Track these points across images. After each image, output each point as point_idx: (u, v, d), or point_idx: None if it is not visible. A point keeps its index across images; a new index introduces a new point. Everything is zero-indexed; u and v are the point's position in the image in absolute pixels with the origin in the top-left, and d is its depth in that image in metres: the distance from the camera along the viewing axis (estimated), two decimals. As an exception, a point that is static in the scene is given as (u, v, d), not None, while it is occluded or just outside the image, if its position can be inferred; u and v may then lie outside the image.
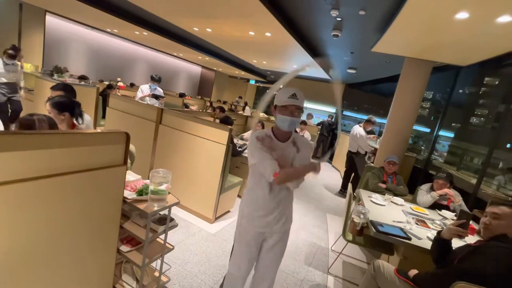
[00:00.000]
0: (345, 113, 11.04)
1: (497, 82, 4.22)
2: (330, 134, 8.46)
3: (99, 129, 1.40)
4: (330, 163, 8.02)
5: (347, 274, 2.52)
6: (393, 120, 4.07)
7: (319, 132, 7.86)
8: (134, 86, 8.29)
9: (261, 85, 16.06)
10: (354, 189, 3.61)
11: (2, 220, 0.92)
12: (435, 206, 2.75)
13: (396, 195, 2.97)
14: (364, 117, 10.28)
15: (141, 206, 1.45)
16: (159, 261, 1.67)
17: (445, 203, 2.75)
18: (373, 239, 2.20)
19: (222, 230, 2.84)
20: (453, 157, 4.80)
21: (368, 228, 2.06)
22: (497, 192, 3.16)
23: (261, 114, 7.33)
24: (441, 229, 1.61)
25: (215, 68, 14.03)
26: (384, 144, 4.17)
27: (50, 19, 7.62)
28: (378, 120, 9.65)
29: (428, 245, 1.77)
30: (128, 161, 1.40)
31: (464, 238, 1.52)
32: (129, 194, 1.48)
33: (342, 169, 5.89)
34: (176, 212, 2.94)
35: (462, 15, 2.32)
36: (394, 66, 5.50)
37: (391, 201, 2.76)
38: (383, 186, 3.14)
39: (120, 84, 7.40)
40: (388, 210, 2.50)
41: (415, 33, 3.04)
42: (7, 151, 0.89)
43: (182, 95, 7.84)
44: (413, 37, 3.19)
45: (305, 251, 2.79)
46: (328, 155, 1.37)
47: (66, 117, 1.80)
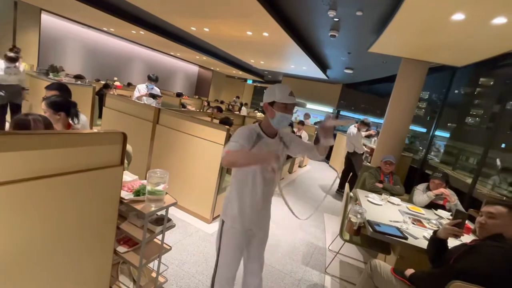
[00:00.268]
0: (342, 113, 11.11)
1: (492, 83, 4.27)
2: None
3: (96, 129, 1.39)
4: (327, 163, 8.05)
5: (344, 274, 2.53)
6: (390, 120, 4.10)
7: (316, 132, 7.88)
8: (131, 86, 8.24)
9: (259, 85, 16.07)
10: (351, 189, 3.62)
11: (-3, 222, 0.91)
12: (431, 206, 2.77)
13: (393, 195, 2.99)
14: (361, 117, 10.35)
15: (138, 207, 1.44)
16: (156, 262, 1.66)
17: (441, 203, 2.78)
18: (370, 239, 2.21)
19: (220, 230, 2.84)
20: (449, 157, 4.85)
21: (365, 228, 2.07)
22: (492, 192, 3.19)
23: (259, 114, 7.34)
24: (437, 229, 1.63)
25: (213, 68, 14.00)
26: (381, 144, 4.20)
27: (46, 18, 7.55)
28: (375, 120, 9.71)
29: (424, 245, 1.78)
30: (125, 161, 1.39)
31: (460, 238, 1.53)
32: (126, 195, 1.48)
33: (339, 169, 5.91)
34: (173, 213, 2.93)
35: (458, 17, 2.33)
36: (391, 67, 5.53)
37: (388, 201, 2.78)
38: (380, 186, 3.16)
39: (117, 84, 7.35)
40: (385, 210, 2.51)
41: (412, 34, 3.07)
42: (2, 152, 0.88)
43: (179, 95, 7.82)
44: (410, 38, 3.21)
45: (303, 251, 2.80)
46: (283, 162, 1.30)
47: (62, 117, 1.78)
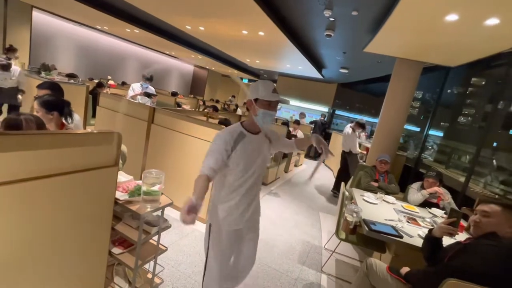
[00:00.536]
0: (337, 112, 11.18)
1: (484, 83, 4.34)
2: (323, 134, 8.54)
3: (90, 129, 1.36)
4: (323, 162, 8.08)
5: (340, 273, 2.55)
6: (385, 120, 4.13)
7: (312, 132, 7.91)
8: (125, 85, 8.15)
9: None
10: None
11: (-12, 224, 0.88)
12: (425, 204, 2.80)
13: (388, 194, 3.01)
14: (356, 117, 10.40)
15: (134, 208, 1.42)
16: (152, 263, 1.65)
17: (435, 201, 2.81)
18: (365, 237, 2.23)
19: (216, 230, 2.83)
20: (442, 156, 4.91)
21: (361, 227, 2.09)
22: (485, 190, 3.25)
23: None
24: (432, 228, 1.64)
25: (208, 67, 13.92)
26: (376, 143, 4.23)
27: (37, 15, 7.40)
28: (370, 120, 9.78)
29: (419, 243, 1.80)
30: (120, 162, 1.37)
31: (455, 236, 1.55)
32: (121, 195, 1.46)
33: (335, 168, 5.94)
34: (169, 213, 2.90)
35: (452, 17, 2.36)
36: (386, 67, 5.57)
37: (383, 200, 2.80)
38: (375, 185, 3.18)
39: (111, 83, 7.26)
40: (380, 209, 2.53)
41: (406, 35, 3.09)
42: (-7, 153, 0.86)
43: (175, 94, 7.76)
44: (404, 38, 3.24)
45: (299, 250, 2.81)
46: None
47: (55, 117, 1.74)
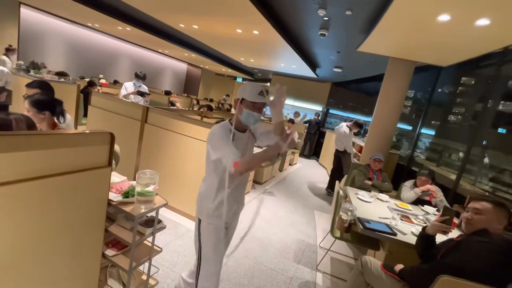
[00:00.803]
0: (331, 111, 11.24)
1: (474, 82, 4.42)
2: (317, 133, 8.59)
3: (82, 129, 1.33)
4: (317, 161, 8.13)
5: (335, 270, 2.57)
6: (378, 118, 4.17)
7: (306, 131, 7.95)
8: (118, 84, 8.03)
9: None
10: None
11: (-24, 228, 0.86)
12: (418, 202, 2.85)
13: (382, 192, 3.05)
14: (350, 116, 10.46)
15: (127, 209, 1.40)
16: (147, 264, 1.63)
17: (427, 199, 2.86)
18: (360, 235, 2.25)
19: (211, 230, 2.81)
20: (434, 154, 5.00)
21: (356, 225, 2.11)
22: (475, 187, 3.32)
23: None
24: (426, 225, 1.67)
25: (202, 66, 13.82)
26: (370, 142, 4.27)
27: (25, 12, 7.21)
28: (363, 118, 9.88)
29: (413, 240, 1.83)
30: (113, 162, 1.34)
31: (448, 234, 1.58)
32: (115, 197, 1.43)
33: (329, 167, 5.98)
34: (164, 213, 2.88)
35: (444, 18, 2.40)
36: (379, 66, 5.63)
37: (377, 198, 2.83)
38: (369, 183, 3.22)
39: (103, 81, 7.14)
40: (374, 207, 2.56)
41: (399, 34, 3.13)
42: (-20, 154, 0.83)
43: (168, 93, 7.68)
44: (397, 38, 3.27)
45: (294, 249, 2.82)
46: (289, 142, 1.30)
47: (46, 116, 1.70)
